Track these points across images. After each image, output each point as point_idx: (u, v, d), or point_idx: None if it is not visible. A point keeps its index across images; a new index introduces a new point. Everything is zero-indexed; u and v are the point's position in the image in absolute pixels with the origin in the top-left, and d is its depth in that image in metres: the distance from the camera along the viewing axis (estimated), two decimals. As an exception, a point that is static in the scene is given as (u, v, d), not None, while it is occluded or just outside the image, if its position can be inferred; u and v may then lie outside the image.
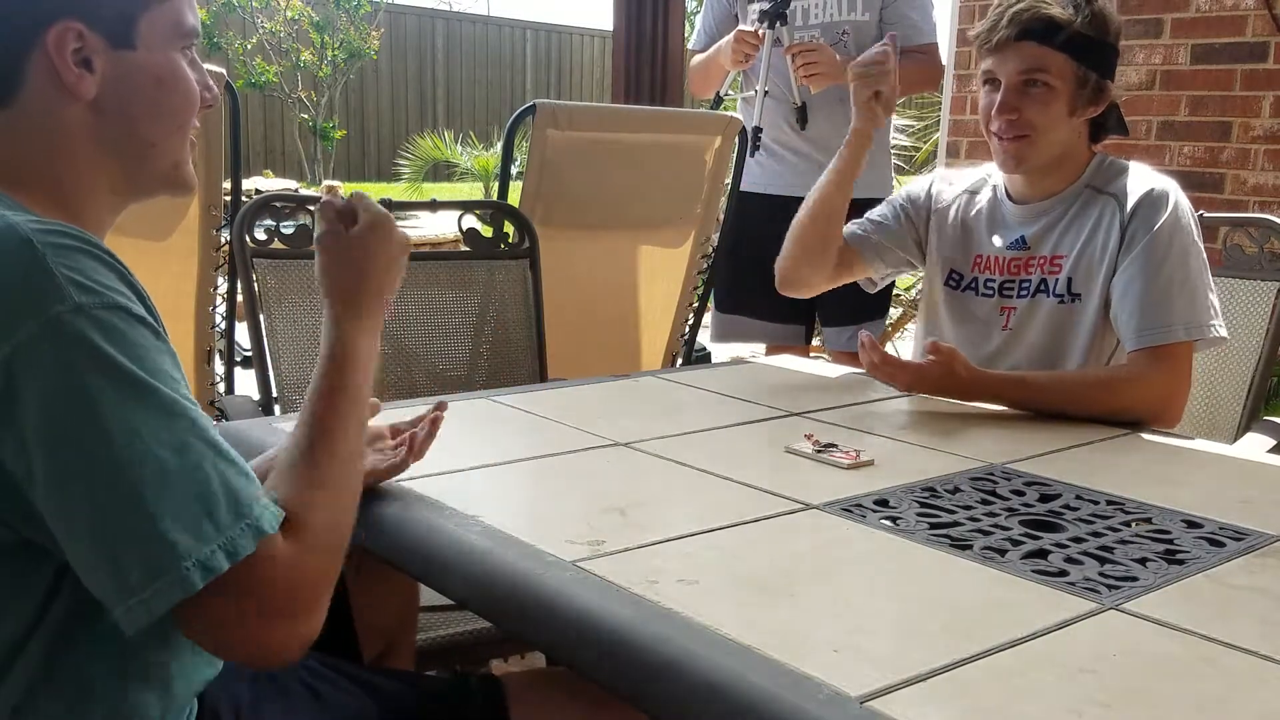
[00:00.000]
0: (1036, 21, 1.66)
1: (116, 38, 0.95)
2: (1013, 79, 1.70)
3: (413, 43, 13.91)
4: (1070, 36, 1.67)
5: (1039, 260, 1.79)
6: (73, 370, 0.81)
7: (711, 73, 3.05)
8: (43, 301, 0.82)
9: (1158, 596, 0.99)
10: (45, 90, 0.93)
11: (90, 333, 0.82)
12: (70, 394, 0.81)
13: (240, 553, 0.83)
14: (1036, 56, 1.68)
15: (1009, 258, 1.82)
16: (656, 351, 2.84)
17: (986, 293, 1.85)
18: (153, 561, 0.81)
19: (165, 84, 0.98)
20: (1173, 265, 1.67)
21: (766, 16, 2.85)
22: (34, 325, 0.81)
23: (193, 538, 0.81)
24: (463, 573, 1.08)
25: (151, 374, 0.84)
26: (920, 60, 2.93)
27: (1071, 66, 1.68)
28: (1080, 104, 1.72)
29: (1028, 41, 1.68)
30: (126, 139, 0.98)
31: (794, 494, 1.23)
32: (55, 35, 0.92)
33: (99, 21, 0.93)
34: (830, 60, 2.80)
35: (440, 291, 2.14)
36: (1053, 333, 1.77)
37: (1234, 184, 4.00)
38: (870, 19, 2.88)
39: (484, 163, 10.73)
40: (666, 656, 0.86)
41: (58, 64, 0.92)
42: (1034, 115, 1.70)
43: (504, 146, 2.66)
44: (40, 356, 0.81)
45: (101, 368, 0.82)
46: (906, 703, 0.78)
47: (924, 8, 2.92)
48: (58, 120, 0.95)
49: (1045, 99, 1.69)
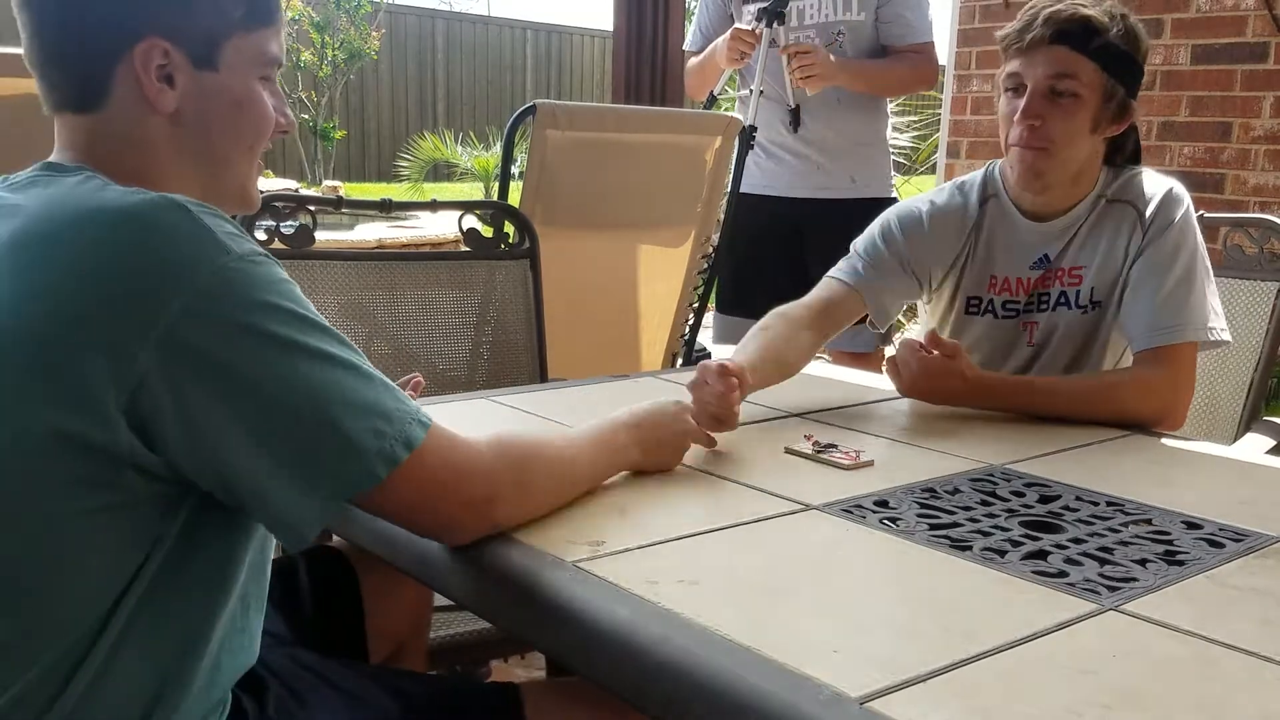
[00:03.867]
0: (1073, 23, 1.63)
1: (200, 59, 1.01)
2: (1040, 83, 1.65)
3: (413, 43, 13.90)
4: (1105, 44, 1.63)
5: (1058, 273, 1.76)
6: (251, 311, 0.90)
7: (707, 73, 3.05)
8: (211, 253, 0.89)
9: (1157, 597, 0.99)
10: (130, 100, 1.00)
11: (255, 277, 0.91)
12: (250, 331, 0.90)
13: (414, 443, 0.95)
14: (1068, 61, 1.64)
15: (1033, 278, 1.78)
16: (656, 351, 2.84)
17: (1007, 314, 1.80)
18: (345, 461, 0.92)
19: (242, 107, 1.05)
20: (1183, 267, 1.66)
21: (765, 15, 2.85)
22: (206, 274, 0.89)
23: (374, 437, 0.93)
24: (463, 573, 1.08)
25: (307, 308, 0.94)
26: (914, 60, 2.93)
27: (1102, 77, 1.65)
28: (1104, 120, 1.68)
29: (1061, 46, 1.63)
30: (203, 153, 1.04)
31: (794, 494, 1.23)
32: (142, 50, 0.98)
33: (185, 42, 1.00)
34: (825, 63, 2.81)
35: (440, 291, 2.14)
36: (1077, 343, 1.76)
37: (1234, 184, 4.00)
38: (866, 19, 2.88)
39: (484, 163, 10.73)
40: (666, 657, 0.86)
41: (141, 77, 0.99)
42: (1057, 126, 1.66)
43: (504, 146, 2.65)
44: (217, 302, 0.89)
45: (271, 306, 0.91)
46: (906, 703, 0.78)
47: (919, 7, 2.91)
48: (142, 129, 1.01)
49: (1071, 109, 1.65)
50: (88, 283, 0.88)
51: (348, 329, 2.03)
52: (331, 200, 2.14)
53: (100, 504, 0.90)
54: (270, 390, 0.90)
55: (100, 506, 0.90)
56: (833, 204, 2.95)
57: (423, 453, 0.96)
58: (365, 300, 2.06)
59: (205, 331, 0.88)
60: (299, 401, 0.91)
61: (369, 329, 2.08)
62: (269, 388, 0.90)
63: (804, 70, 2.80)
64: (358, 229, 4.53)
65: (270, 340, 0.90)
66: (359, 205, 2.31)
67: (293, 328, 0.92)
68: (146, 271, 0.88)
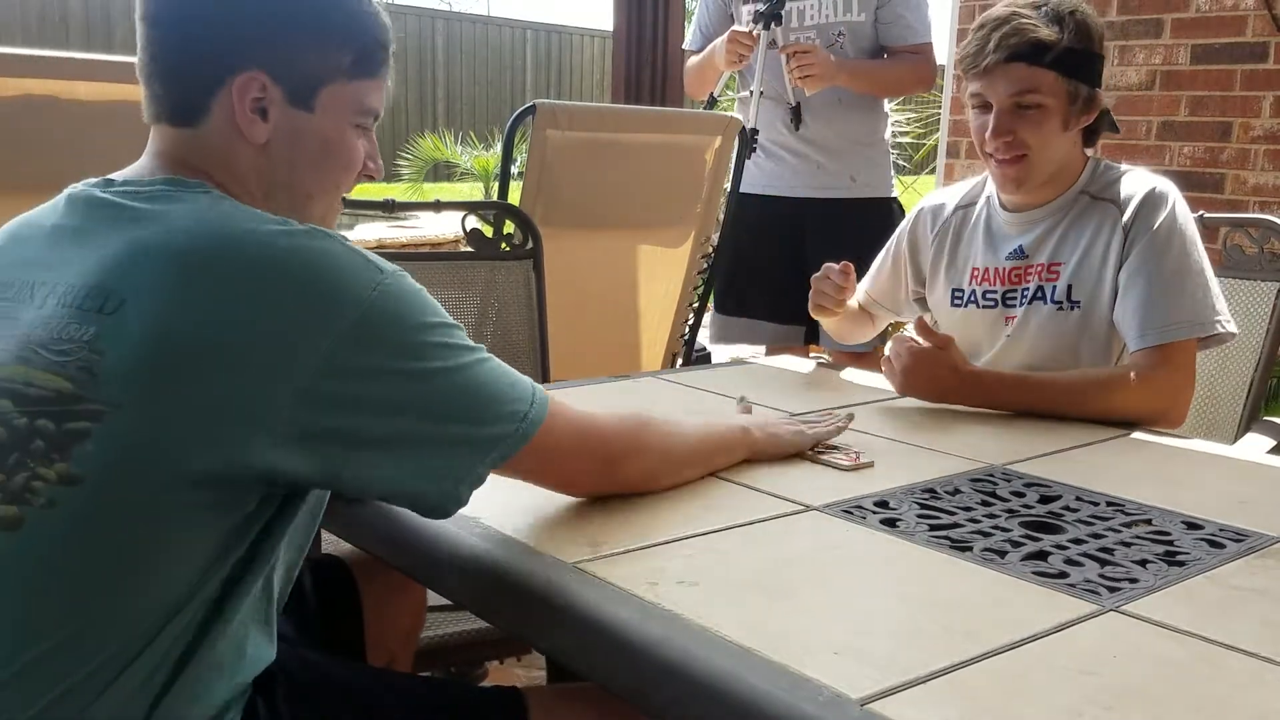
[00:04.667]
0: (1024, 45, 1.65)
1: (297, 98, 1.05)
2: (1004, 101, 1.68)
3: (413, 43, 13.90)
4: (1058, 55, 1.65)
5: (1036, 268, 1.78)
6: (412, 322, 0.98)
7: (706, 74, 3.05)
8: (368, 276, 0.96)
9: (1158, 598, 0.99)
10: (224, 124, 1.04)
11: (406, 291, 0.98)
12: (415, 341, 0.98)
13: (544, 416, 1.05)
14: (1026, 78, 1.66)
15: (1008, 268, 1.81)
16: (656, 351, 2.84)
17: (988, 304, 1.84)
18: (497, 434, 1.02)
19: (331, 150, 1.09)
20: (1173, 264, 1.66)
21: (762, 17, 2.85)
22: (370, 294, 0.95)
23: (515, 419, 1.03)
24: (463, 573, 1.08)
25: (442, 310, 1.02)
26: (913, 60, 2.92)
27: (1062, 83, 1.67)
28: (1073, 117, 1.71)
29: (1017, 63, 1.66)
30: (287, 185, 1.08)
31: (794, 495, 1.23)
32: (241, 81, 1.03)
33: (284, 79, 1.04)
34: (825, 62, 2.80)
35: (442, 292, 2.14)
36: (1052, 339, 1.76)
37: (1234, 184, 4.00)
38: (866, 19, 2.88)
39: (484, 163, 10.72)
40: (666, 658, 0.86)
41: (236, 106, 1.03)
42: (1029, 135, 1.69)
43: (504, 146, 2.65)
44: (385, 318, 0.95)
45: (427, 314, 0.99)
46: (907, 704, 0.78)
47: (918, 8, 2.91)
48: (232, 153, 1.05)
49: (1039, 119, 1.68)
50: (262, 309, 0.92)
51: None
52: (332, 200, 2.13)
53: (209, 500, 0.92)
54: (435, 389, 0.98)
55: (209, 503, 0.92)
56: (833, 203, 2.95)
57: (551, 424, 1.06)
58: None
59: (377, 346, 0.95)
60: (458, 398, 1.00)
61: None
62: (435, 386, 0.98)
63: (803, 70, 2.80)
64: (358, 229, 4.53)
65: (431, 348, 0.99)
66: (363, 205, 2.31)
67: (442, 332, 1.00)
68: (320, 297, 0.94)
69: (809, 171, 2.97)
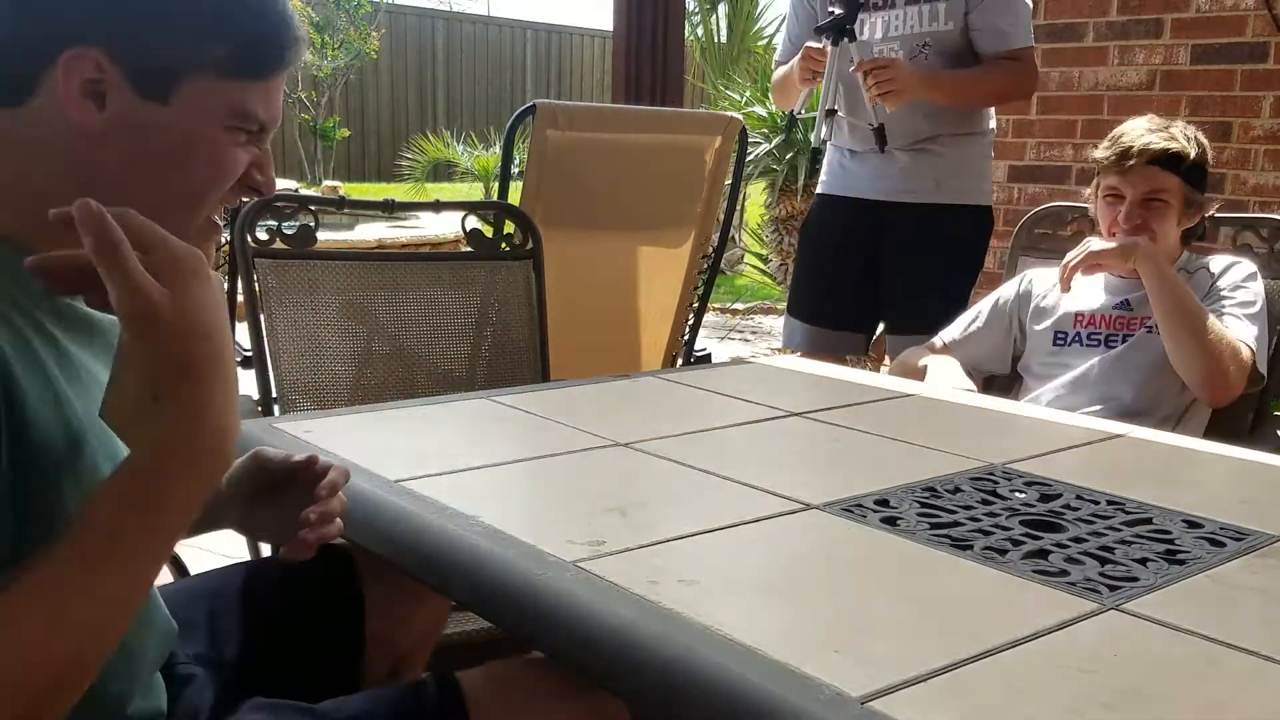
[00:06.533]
0: (1164, 155, 2.05)
1: (146, 86, 0.89)
2: (1138, 197, 2.07)
3: (413, 43, 13.90)
4: (1188, 167, 2.06)
5: (1140, 318, 2.09)
6: None
7: (787, 88, 2.80)
8: None
9: (1158, 596, 0.99)
10: (50, 108, 0.88)
11: None
12: None
13: None
14: (1160, 180, 2.06)
15: (1114, 316, 2.12)
16: (656, 351, 2.84)
17: (1091, 344, 2.11)
18: None
19: (192, 151, 0.92)
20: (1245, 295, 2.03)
21: (828, 31, 2.56)
22: None
23: None
24: (463, 573, 1.08)
25: None
26: (1010, 68, 2.65)
27: (1184, 189, 2.08)
28: (1186, 216, 2.10)
29: (1154, 167, 2.05)
30: (129, 190, 0.88)
31: (794, 494, 1.23)
32: (69, 58, 0.86)
33: (127, 62, 0.88)
34: (905, 75, 2.55)
35: (442, 292, 2.14)
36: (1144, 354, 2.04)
37: (1234, 184, 4.00)
38: (954, 28, 2.61)
39: (484, 163, 10.74)
40: (667, 657, 0.86)
41: (62, 86, 0.87)
42: (1153, 222, 2.07)
43: (504, 146, 2.65)
44: None
45: None
46: (907, 703, 0.78)
47: (1013, 10, 2.63)
48: (56, 142, 0.89)
49: (1162, 212, 2.08)
50: None
51: (348, 329, 2.04)
52: (335, 201, 2.15)
53: None
54: None
55: None
56: (914, 208, 2.72)
57: None
58: (366, 300, 2.07)
59: None
60: None
61: (369, 329, 2.08)
62: None
63: (881, 86, 2.52)
64: (358, 229, 4.54)
65: None
66: (362, 205, 2.32)
67: None
68: None
69: (892, 171, 2.72)
